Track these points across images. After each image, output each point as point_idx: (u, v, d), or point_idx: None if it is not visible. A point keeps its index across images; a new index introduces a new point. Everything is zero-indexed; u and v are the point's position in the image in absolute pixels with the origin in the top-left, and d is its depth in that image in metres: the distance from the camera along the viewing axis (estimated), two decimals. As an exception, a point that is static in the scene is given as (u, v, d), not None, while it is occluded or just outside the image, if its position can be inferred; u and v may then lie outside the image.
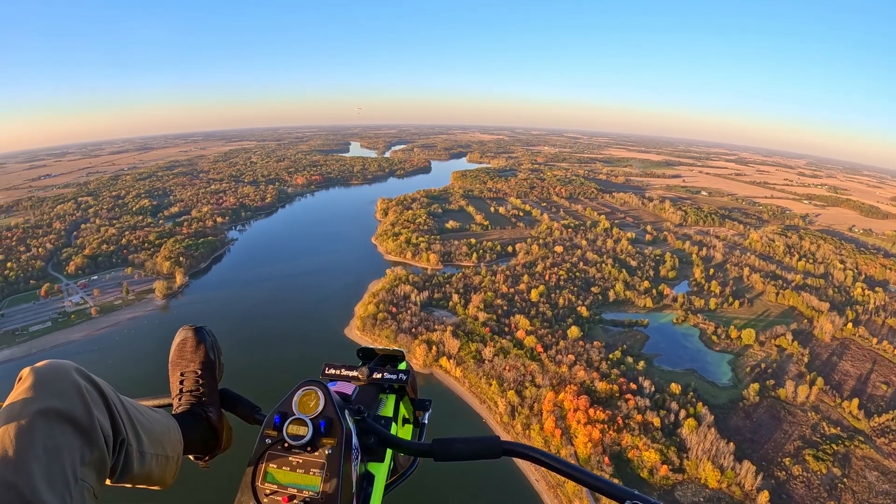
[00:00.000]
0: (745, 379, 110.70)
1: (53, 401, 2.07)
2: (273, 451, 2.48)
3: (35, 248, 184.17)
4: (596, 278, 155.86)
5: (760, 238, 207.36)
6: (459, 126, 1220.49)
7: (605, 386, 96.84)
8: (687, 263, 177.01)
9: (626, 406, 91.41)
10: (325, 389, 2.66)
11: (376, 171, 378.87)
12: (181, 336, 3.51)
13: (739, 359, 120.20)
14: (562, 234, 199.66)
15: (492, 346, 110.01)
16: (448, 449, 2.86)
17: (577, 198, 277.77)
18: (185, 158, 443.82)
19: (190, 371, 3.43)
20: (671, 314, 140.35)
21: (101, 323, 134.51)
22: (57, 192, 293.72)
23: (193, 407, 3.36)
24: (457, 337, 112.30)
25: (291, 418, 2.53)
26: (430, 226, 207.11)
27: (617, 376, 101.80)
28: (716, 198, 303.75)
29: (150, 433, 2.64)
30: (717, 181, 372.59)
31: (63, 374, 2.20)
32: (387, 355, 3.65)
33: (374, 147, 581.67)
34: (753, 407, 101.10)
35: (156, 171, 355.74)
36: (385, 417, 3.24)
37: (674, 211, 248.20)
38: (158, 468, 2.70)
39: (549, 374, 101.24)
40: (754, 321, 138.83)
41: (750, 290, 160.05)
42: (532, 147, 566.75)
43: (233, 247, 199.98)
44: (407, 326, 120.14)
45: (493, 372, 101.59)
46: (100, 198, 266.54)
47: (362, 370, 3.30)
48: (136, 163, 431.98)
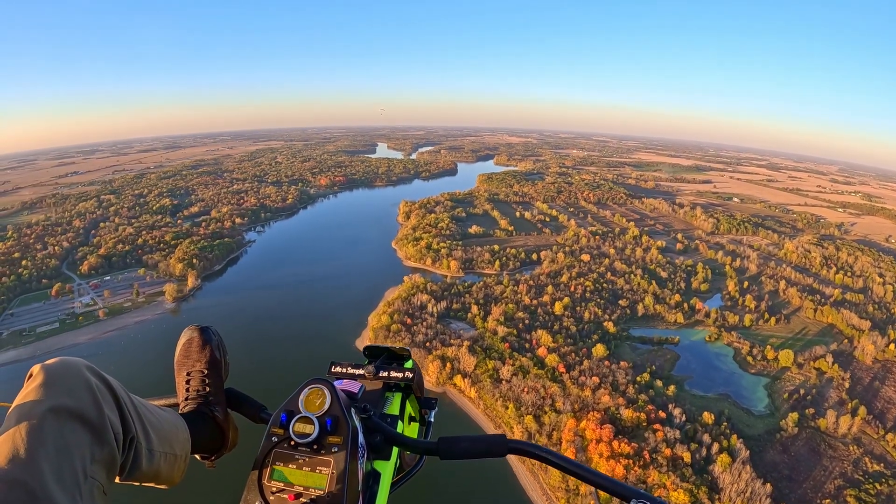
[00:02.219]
0: (783, 406, 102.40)
1: (64, 398, 2.10)
2: (279, 450, 2.50)
3: (52, 246, 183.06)
4: (624, 290, 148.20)
5: (796, 248, 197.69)
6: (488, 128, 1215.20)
7: (631, 414, 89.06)
8: (720, 275, 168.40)
9: (654, 438, 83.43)
10: (331, 388, 2.69)
11: (401, 173, 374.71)
12: (187, 336, 3.52)
13: (776, 383, 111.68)
14: (589, 242, 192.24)
15: (510, 364, 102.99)
16: (454, 447, 2.90)
17: (606, 203, 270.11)
18: (212, 158, 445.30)
19: (196, 371, 3.45)
20: (703, 331, 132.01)
21: (107, 326, 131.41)
22: (81, 190, 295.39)
23: (200, 406, 3.37)
24: (473, 353, 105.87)
25: (298, 416, 2.55)
26: (452, 231, 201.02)
27: (645, 403, 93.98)
28: (748, 204, 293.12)
29: (160, 431, 2.67)
30: (748, 187, 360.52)
31: (74, 371, 2.23)
32: (393, 353, 3.68)
33: (401, 148, 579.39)
34: (791, 439, 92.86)
35: (180, 171, 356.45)
36: (391, 415, 3.31)
37: (705, 218, 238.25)
38: (167, 466, 2.73)
39: (571, 397, 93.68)
40: (791, 340, 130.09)
41: (786, 305, 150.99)
42: (560, 150, 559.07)
43: (250, 249, 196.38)
44: (421, 340, 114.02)
45: (510, 393, 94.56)
46: (122, 196, 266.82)
47: (368, 368, 3.33)
48: (163, 161, 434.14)
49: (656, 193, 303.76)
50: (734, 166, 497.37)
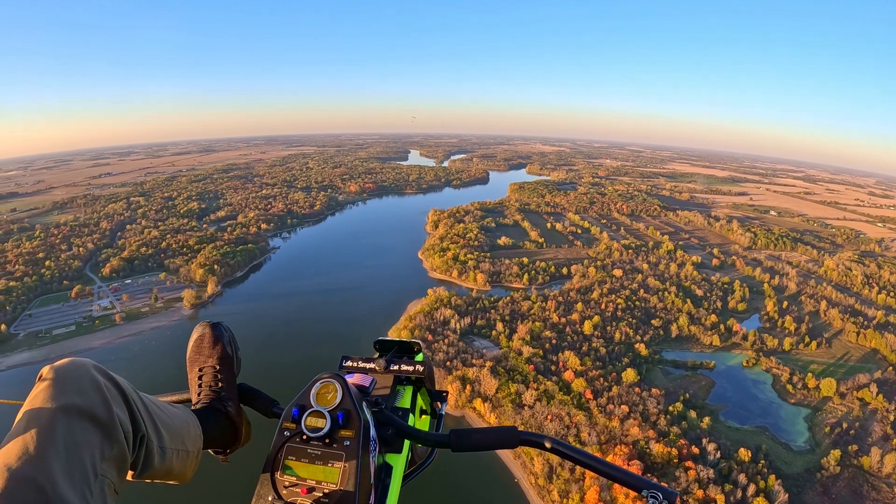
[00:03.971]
0: (824, 441, 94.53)
1: (74, 398, 2.13)
2: (292, 444, 2.53)
3: (77, 247, 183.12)
4: (657, 309, 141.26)
5: (837, 266, 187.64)
6: (521, 137, 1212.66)
7: (662, 449, 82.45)
8: (758, 293, 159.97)
9: (686, 477, 77.21)
10: (342, 381, 2.72)
11: (432, 181, 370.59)
12: (199, 332, 3.55)
13: (817, 414, 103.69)
14: (621, 256, 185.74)
15: (534, 388, 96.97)
16: (465, 440, 2.94)
17: (639, 215, 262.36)
18: (244, 162, 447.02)
19: (208, 366, 3.48)
20: (741, 355, 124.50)
21: (123, 330, 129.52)
22: (112, 191, 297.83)
23: (212, 402, 3.40)
24: (496, 375, 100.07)
25: (310, 410, 2.58)
26: (480, 241, 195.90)
27: (677, 436, 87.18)
28: (785, 218, 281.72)
29: (170, 429, 2.69)
30: (785, 200, 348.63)
31: (83, 371, 2.26)
32: (404, 346, 3.76)
33: (433, 156, 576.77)
34: (832, 479, 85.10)
35: (211, 174, 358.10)
36: (402, 409, 3.36)
37: (742, 232, 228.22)
38: (179, 463, 2.75)
39: (598, 427, 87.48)
40: (833, 366, 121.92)
41: (827, 327, 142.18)
42: (593, 160, 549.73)
43: (273, 255, 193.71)
44: (442, 359, 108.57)
45: (532, 420, 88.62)
46: (151, 198, 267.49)
47: (379, 362, 3.37)
48: (196, 165, 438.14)
49: (691, 205, 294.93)
50: (770, 178, 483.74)
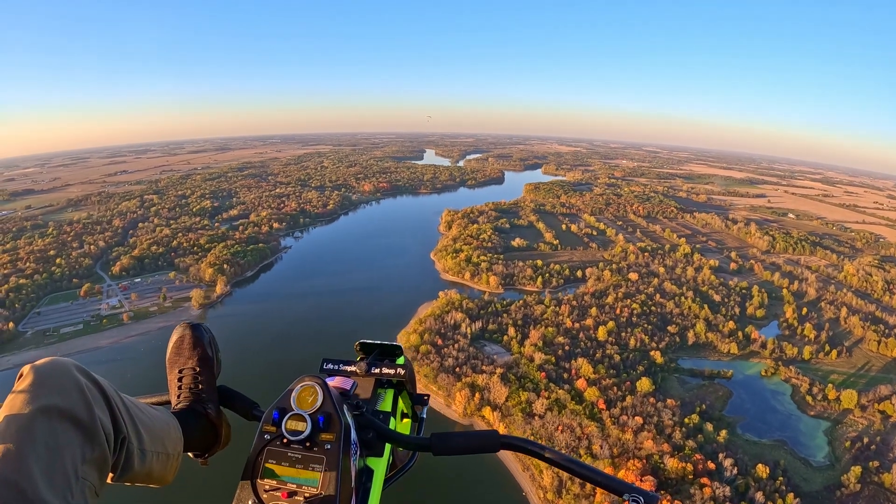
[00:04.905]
0: (844, 457, 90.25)
1: (54, 398, 2.10)
2: (272, 447, 2.51)
3: (88, 244, 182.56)
4: (674, 314, 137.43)
5: (857, 272, 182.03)
6: (537, 136, 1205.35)
7: (676, 464, 78.81)
8: (776, 299, 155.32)
9: (701, 494, 73.54)
10: (323, 384, 2.68)
11: (447, 181, 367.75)
12: (178, 333, 3.53)
13: (837, 428, 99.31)
14: (637, 259, 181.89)
15: (545, 396, 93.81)
16: (446, 443, 2.92)
17: (656, 217, 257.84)
18: (259, 161, 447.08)
19: (188, 368, 3.46)
20: (759, 364, 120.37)
21: (131, 330, 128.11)
22: (127, 189, 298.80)
23: (192, 404, 3.38)
24: (506, 382, 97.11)
25: (290, 414, 2.55)
26: (494, 243, 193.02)
27: (692, 451, 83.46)
28: (804, 221, 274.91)
29: (151, 431, 2.66)
30: (804, 202, 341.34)
31: (64, 371, 2.23)
32: (385, 349, 3.76)
33: (449, 155, 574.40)
34: (852, 497, 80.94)
35: (226, 172, 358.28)
36: (383, 412, 3.33)
37: (760, 236, 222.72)
38: (159, 466, 2.73)
39: (610, 440, 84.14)
40: (854, 377, 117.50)
41: (848, 335, 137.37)
42: (610, 160, 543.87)
43: (285, 255, 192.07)
44: (451, 364, 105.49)
45: (542, 431, 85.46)
46: (165, 196, 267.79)
47: (360, 365, 3.35)
48: (211, 163, 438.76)
49: (708, 207, 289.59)
50: (788, 180, 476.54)
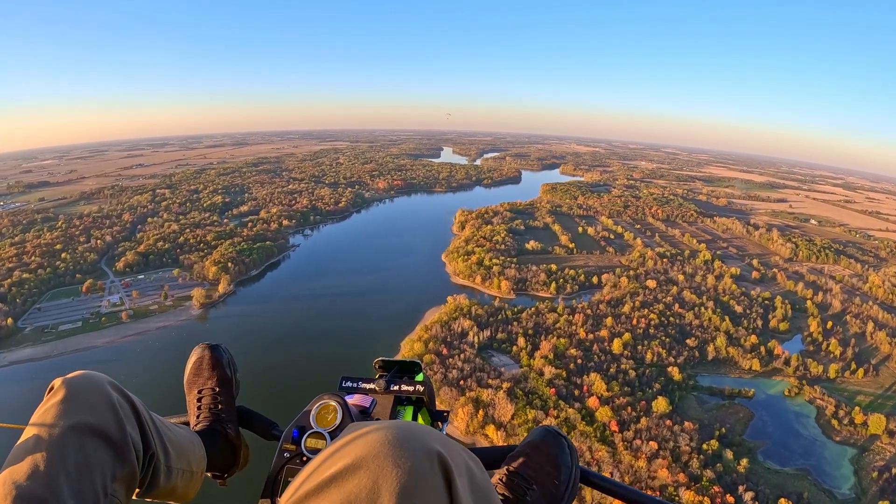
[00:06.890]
0: (871, 488, 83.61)
1: (86, 415, 2.09)
2: (292, 465, 2.53)
3: (95, 239, 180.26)
4: (693, 326, 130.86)
5: (883, 283, 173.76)
6: (556, 136, 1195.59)
7: (693, 497, 72.87)
8: (800, 311, 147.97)
9: (721, 532, 68.08)
10: (342, 402, 2.74)
11: (462, 179, 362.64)
12: (197, 354, 3.59)
13: (864, 455, 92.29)
14: (655, 265, 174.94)
15: (554, 415, 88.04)
16: None
17: (675, 221, 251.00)
18: (275, 156, 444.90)
19: (207, 388, 3.49)
20: (782, 383, 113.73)
21: (129, 329, 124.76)
22: (141, 183, 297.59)
23: (212, 424, 3.40)
24: (513, 398, 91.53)
25: (310, 432, 2.59)
26: (507, 245, 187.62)
27: (710, 482, 77.48)
28: (826, 228, 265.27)
29: (178, 448, 2.69)
30: (826, 208, 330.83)
31: (96, 387, 2.22)
32: (404, 366, 3.67)
33: (466, 154, 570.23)
34: None
35: (241, 167, 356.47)
36: None
37: (783, 243, 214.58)
38: (183, 483, 2.75)
39: (622, 466, 78.60)
40: (881, 398, 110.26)
41: (874, 352, 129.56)
42: (629, 161, 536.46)
43: (293, 254, 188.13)
44: (455, 377, 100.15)
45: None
46: (177, 191, 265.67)
47: (379, 382, 3.34)
48: (227, 157, 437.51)
49: (729, 212, 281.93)
50: (809, 184, 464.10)
